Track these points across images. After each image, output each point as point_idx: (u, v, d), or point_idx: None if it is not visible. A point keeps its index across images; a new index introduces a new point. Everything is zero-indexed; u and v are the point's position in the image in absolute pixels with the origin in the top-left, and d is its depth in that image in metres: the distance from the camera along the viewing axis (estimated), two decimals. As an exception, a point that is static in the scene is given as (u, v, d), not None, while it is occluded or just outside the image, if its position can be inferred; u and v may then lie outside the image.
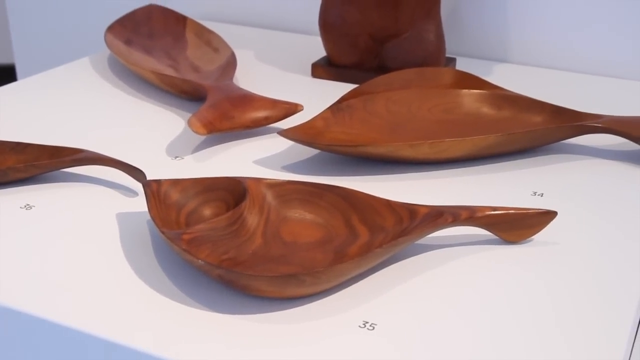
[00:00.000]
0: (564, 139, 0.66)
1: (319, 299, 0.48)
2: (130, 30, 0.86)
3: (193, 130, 0.64)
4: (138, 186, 0.59)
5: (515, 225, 0.53)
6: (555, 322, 0.46)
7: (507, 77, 0.83)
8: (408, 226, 0.51)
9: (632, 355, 0.48)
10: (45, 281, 0.49)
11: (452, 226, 0.52)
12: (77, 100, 0.76)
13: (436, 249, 0.53)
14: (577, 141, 0.68)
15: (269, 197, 0.54)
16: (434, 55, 0.79)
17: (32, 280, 0.49)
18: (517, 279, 0.50)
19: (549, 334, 0.45)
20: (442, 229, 0.52)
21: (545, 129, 0.65)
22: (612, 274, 0.51)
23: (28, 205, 0.57)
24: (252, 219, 0.53)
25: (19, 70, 1.17)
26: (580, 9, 0.84)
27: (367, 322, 0.46)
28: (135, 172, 0.59)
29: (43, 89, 0.78)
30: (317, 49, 0.85)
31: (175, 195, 0.54)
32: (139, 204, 0.57)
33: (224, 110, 0.67)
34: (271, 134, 0.68)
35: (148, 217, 0.54)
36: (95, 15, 1.05)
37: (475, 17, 0.89)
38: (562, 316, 0.47)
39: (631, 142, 0.66)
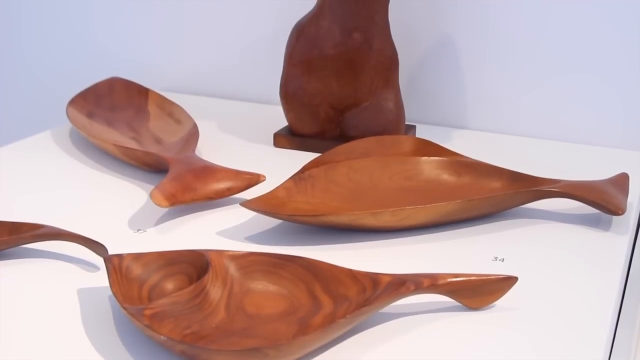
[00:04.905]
0: (523, 204, 0.68)
1: (283, 372, 0.47)
2: (92, 103, 0.87)
3: (155, 203, 0.64)
4: (100, 261, 0.59)
5: (477, 292, 0.53)
6: (519, 389, 0.46)
7: (465, 143, 0.85)
8: (371, 295, 0.52)
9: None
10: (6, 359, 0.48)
11: (414, 294, 0.52)
12: (38, 174, 0.76)
13: (399, 317, 0.53)
14: (536, 206, 0.69)
15: (232, 269, 0.54)
16: (394, 124, 0.81)
17: (-10, 360, 0.48)
18: (479, 346, 0.50)
19: (514, 401, 0.45)
20: (404, 297, 0.52)
21: (504, 194, 0.66)
22: (573, 339, 0.51)
23: (-13, 282, 0.56)
24: (215, 292, 0.52)
25: (-21, 145, 1.16)
26: (536, 76, 0.87)
27: (332, 395, 0.46)
28: (96, 247, 0.58)
29: (2, 164, 0.78)
30: (278, 119, 0.86)
31: (137, 270, 0.53)
32: (101, 279, 0.57)
33: (186, 182, 0.67)
34: (234, 205, 0.68)
35: (110, 292, 0.54)
36: (56, 89, 1.06)
37: (433, 85, 0.91)
38: (526, 382, 0.47)
39: (587, 206, 0.67)
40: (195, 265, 0.54)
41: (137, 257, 0.54)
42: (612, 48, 0.83)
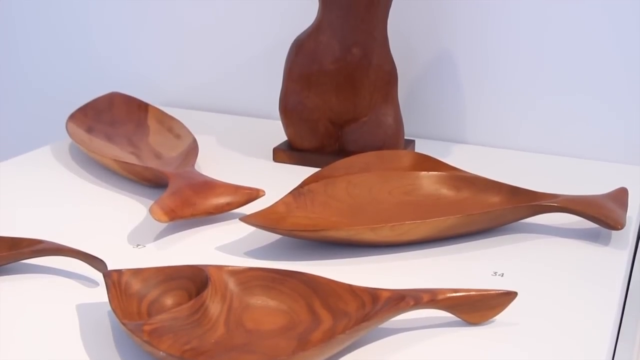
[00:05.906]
0: (522, 219, 0.68)
1: (282, 388, 0.47)
2: (92, 118, 0.87)
3: (154, 218, 0.64)
4: (99, 276, 0.59)
5: (477, 307, 0.53)
6: (519, 405, 0.46)
7: (464, 158, 0.85)
8: (370, 311, 0.52)
9: None
10: (3, 377, 0.48)
11: (414, 309, 0.52)
12: (37, 189, 0.76)
13: (399, 332, 0.53)
14: (535, 220, 0.69)
15: (231, 284, 0.54)
16: (393, 138, 0.81)
17: (-11, 376, 0.48)
18: (480, 361, 0.50)
19: (514, 417, 0.45)
20: (404, 312, 0.52)
21: (503, 209, 0.66)
22: (573, 354, 0.51)
23: (-14, 298, 0.56)
24: (215, 308, 0.52)
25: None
26: (535, 91, 0.87)
27: (331, 411, 0.46)
28: (95, 262, 0.58)
29: (2, 179, 0.78)
30: (278, 134, 0.86)
31: (136, 285, 0.53)
32: (100, 294, 0.56)
33: (185, 197, 0.67)
34: (233, 220, 0.68)
35: (109, 307, 0.54)
36: (56, 104, 1.06)
37: (432, 100, 0.91)
38: (526, 398, 0.47)
39: (587, 221, 0.67)
40: (194, 281, 0.54)
41: (137, 272, 0.54)
42: (612, 63, 0.84)
